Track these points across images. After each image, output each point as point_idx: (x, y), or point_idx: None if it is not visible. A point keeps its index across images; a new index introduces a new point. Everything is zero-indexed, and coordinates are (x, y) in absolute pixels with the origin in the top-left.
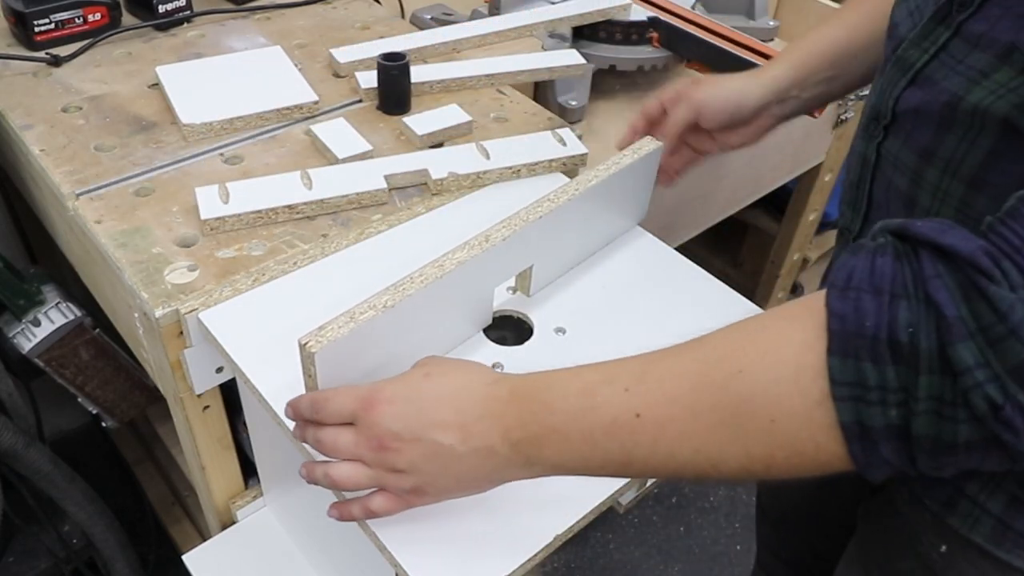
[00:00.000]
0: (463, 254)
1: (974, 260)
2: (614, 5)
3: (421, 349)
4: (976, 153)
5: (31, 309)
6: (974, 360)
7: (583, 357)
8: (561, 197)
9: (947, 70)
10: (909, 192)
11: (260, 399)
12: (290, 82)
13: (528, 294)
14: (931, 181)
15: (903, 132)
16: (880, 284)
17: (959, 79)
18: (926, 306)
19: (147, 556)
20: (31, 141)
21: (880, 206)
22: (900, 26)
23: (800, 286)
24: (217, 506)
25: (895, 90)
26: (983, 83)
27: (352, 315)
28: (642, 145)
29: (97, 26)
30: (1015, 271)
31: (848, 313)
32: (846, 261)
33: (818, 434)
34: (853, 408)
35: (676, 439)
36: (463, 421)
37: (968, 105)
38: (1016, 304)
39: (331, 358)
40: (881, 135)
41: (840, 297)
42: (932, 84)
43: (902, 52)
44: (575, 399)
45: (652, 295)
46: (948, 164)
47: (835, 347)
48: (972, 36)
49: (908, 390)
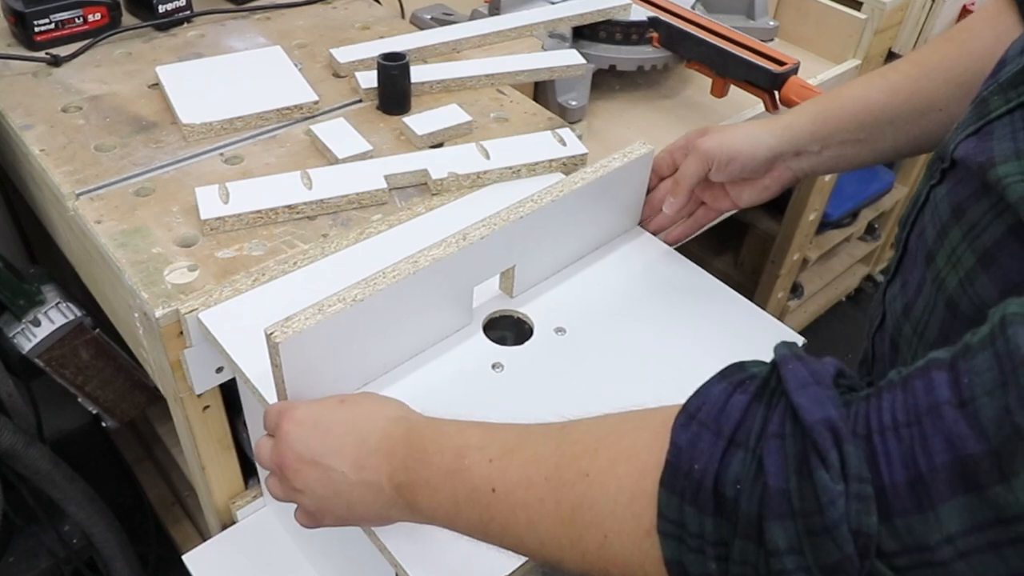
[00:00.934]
0: (439, 251)
1: (813, 434)
2: (614, 5)
3: (395, 344)
4: (997, 227)
5: (31, 309)
6: (786, 544)
7: (583, 357)
8: (544, 198)
9: (1009, 130)
10: (932, 247)
11: (260, 399)
12: (290, 82)
13: (511, 295)
14: (952, 242)
15: (952, 181)
16: (723, 426)
17: (1009, 145)
18: (757, 467)
19: (147, 556)
20: (31, 141)
21: (911, 254)
22: (1008, 64)
23: (800, 286)
24: (217, 506)
25: (961, 134)
26: (1022, 160)
27: (320, 307)
28: (632, 149)
29: (97, 26)
30: (856, 458)
31: (684, 447)
32: (708, 386)
33: (646, 563)
34: (676, 548)
35: (525, 525)
36: (358, 453)
37: (995, 175)
38: (838, 499)
39: (297, 349)
40: (937, 178)
41: (684, 427)
42: (988, 139)
43: (987, 95)
44: (449, 457)
45: (652, 295)
46: (971, 229)
47: (666, 479)
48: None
49: (727, 545)
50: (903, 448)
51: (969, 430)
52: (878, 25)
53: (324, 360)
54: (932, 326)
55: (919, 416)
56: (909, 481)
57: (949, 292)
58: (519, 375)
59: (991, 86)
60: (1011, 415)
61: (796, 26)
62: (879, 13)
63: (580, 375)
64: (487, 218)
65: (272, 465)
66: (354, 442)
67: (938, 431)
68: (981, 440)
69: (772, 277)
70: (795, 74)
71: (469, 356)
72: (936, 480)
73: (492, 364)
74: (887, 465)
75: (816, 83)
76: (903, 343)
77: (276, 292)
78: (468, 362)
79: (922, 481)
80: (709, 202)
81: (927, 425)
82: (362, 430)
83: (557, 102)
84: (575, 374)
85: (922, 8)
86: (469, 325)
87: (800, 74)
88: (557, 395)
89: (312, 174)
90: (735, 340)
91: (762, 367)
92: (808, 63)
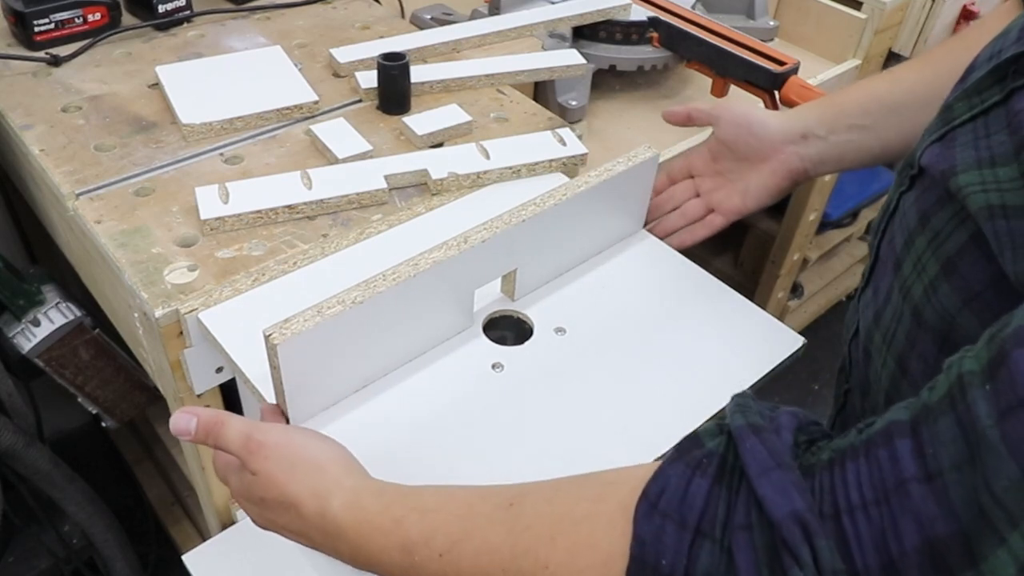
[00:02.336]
0: (439, 254)
1: (782, 531)
2: (614, 5)
3: (395, 347)
4: (959, 235)
5: (31, 309)
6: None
7: (583, 357)
8: (547, 202)
9: (971, 138)
10: (899, 255)
11: (260, 399)
12: (290, 82)
13: (513, 297)
14: (917, 250)
15: (920, 188)
16: (687, 516)
17: (971, 154)
18: (728, 560)
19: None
20: (31, 141)
21: (881, 261)
22: (975, 70)
23: (800, 286)
24: (217, 506)
25: (926, 140)
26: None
27: (320, 309)
28: (637, 153)
29: (97, 26)
30: (828, 551)
31: (649, 540)
32: (665, 468)
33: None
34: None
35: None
36: (306, 530)
37: (955, 183)
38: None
39: (296, 351)
40: (906, 185)
41: (647, 516)
42: (951, 146)
43: (953, 101)
44: (397, 556)
45: (652, 296)
46: (935, 237)
47: (632, 574)
48: (1013, 111)
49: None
50: (873, 531)
51: (938, 509)
52: (878, 25)
53: (323, 362)
54: (899, 334)
55: (887, 494)
56: (882, 566)
57: (915, 301)
58: (519, 375)
59: (958, 92)
60: (978, 495)
61: (796, 26)
62: (879, 13)
63: (580, 375)
64: (489, 221)
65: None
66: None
67: (907, 511)
68: (950, 521)
69: (772, 277)
70: (795, 74)
71: (469, 356)
72: (907, 565)
73: (492, 364)
74: (859, 550)
75: (816, 83)
76: (874, 351)
77: (276, 292)
78: (468, 362)
79: (894, 567)
80: (717, 205)
81: (895, 504)
82: (300, 533)
83: (557, 102)
84: (575, 374)
85: (922, 8)
86: (470, 327)
87: (800, 74)
88: (557, 395)
89: (312, 174)
90: (735, 340)
91: (717, 440)
92: (808, 63)
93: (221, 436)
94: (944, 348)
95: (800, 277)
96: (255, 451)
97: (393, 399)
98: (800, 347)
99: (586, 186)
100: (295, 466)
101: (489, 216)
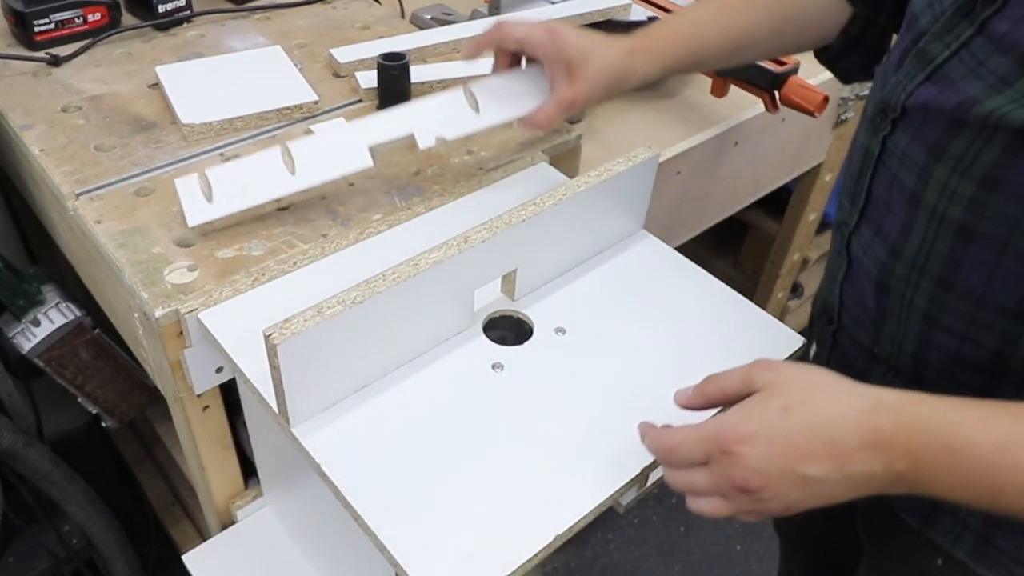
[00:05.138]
0: (439, 254)
1: None
2: (614, 5)
3: (395, 347)
4: (990, 152)
5: (31, 309)
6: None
7: (583, 357)
8: (547, 202)
9: (966, 70)
10: (915, 189)
11: (260, 399)
12: (290, 82)
13: (513, 297)
14: (939, 179)
15: (912, 127)
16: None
17: (979, 83)
18: None
19: (147, 556)
20: (31, 141)
21: (880, 202)
22: (921, 17)
23: (800, 286)
24: (217, 506)
25: (910, 84)
26: (1004, 91)
27: (320, 309)
28: (636, 153)
29: (97, 26)
30: None
31: None
32: None
33: None
34: None
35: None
36: (837, 452)
37: (983, 110)
38: None
39: (295, 351)
40: (888, 128)
41: None
42: (949, 83)
43: (924, 45)
44: (988, 452)
45: (652, 296)
46: (959, 162)
47: None
48: (995, 36)
49: None
50: None
51: None
52: None
53: (323, 362)
54: (936, 258)
55: None
56: None
57: (959, 220)
58: (519, 375)
59: (924, 36)
60: None
61: None
62: None
63: (580, 375)
64: (489, 221)
65: (726, 490)
66: (825, 445)
67: None
68: None
69: (772, 277)
70: (795, 74)
71: (468, 356)
72: None
73: (492, 364)
74: None
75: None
76: (895, 281)
77: (276, 292)
78: (468, 362)
79: None
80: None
81: None
82: (831, 434)
83: None
84: (575, 374)
85: None
86: (470, 327)
87: (800, 74)
88: (557, 395)
89: (293, 149)
90: (735, 340)
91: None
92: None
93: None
94: (1006, 251)
95: (800, 277)
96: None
97: (393, 399)
98: (800, 347)
99: (586, 186)
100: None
101: (489, 216)
